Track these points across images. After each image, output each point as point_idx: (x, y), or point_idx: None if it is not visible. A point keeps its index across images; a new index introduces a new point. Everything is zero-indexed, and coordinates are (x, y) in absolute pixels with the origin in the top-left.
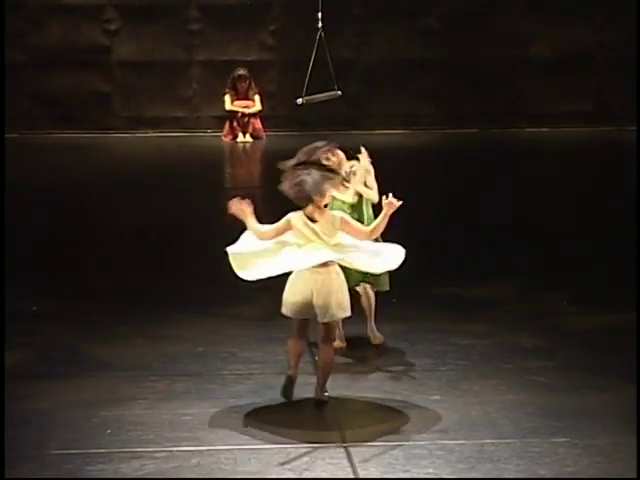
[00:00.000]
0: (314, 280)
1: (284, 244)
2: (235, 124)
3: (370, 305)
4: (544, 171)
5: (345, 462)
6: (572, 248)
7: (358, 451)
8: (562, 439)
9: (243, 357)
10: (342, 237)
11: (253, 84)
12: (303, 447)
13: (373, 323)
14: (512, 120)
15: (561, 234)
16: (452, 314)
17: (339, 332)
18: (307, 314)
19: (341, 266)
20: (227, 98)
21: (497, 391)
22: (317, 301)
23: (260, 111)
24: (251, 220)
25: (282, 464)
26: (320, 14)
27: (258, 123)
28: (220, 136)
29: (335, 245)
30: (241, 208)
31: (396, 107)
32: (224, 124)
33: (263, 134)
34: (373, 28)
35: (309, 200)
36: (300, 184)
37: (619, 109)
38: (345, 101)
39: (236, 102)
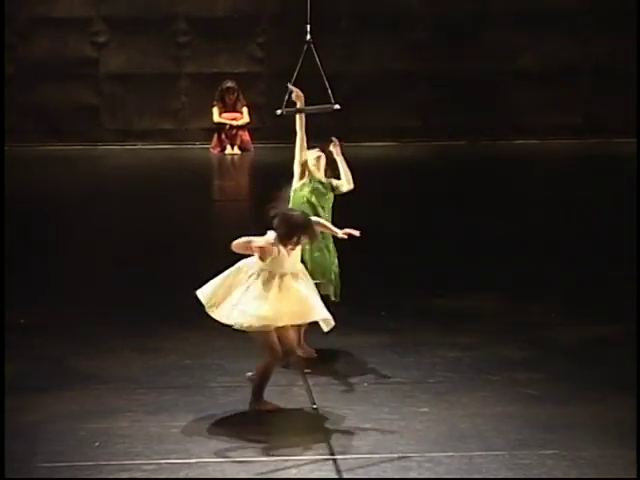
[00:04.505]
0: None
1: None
2: (223, 136)
3: None
4: (531, 183)
5: (333, 474)
6: (559, 260)
7: (346, 463)
8: (551, 451)
9: (231, 369)
10: None
11: (241, 96)
12: (291, 459)
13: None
14: (500, 132)
15: (548, 246)
16: (440, 326)
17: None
18: None
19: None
20: (215, 110)
21: (485, 403)
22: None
23: (248, 123)
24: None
25: (270, 476)
26: (309, 26)
27: (246, 135)
28: (208, 148)
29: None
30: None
31: (384, 119)
32: (212, 136)
33: (251, 146)
34: (360, 41)
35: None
36: None
37: (607, 121)
38: (332, 113)
39: (224, 114)
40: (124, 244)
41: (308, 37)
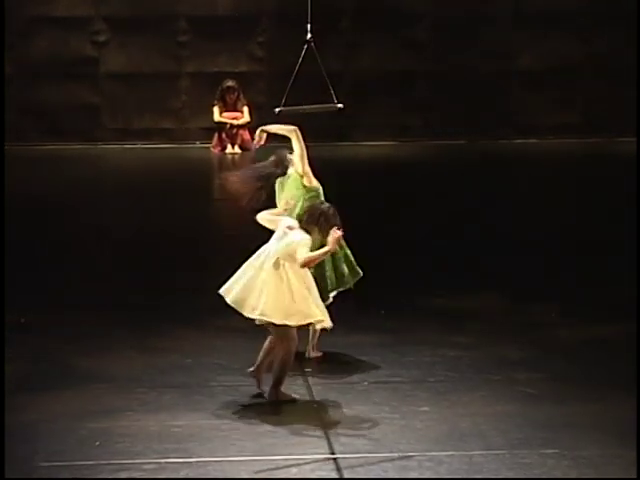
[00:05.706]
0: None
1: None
2: (224, 136)
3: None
4: (531, 183)
5: (334, 473)
6: (559, 260)
7: (347, 462)
8: (551, 450)
9: (231, 369)
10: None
11: (242, 96)
12: (292, 458)
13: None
14: (500, 132)
15: (548, 246)
16: (440, 326)
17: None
18: None
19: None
20: (216, 110)
21: (486, 402)
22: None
23: (249, 122)
24: None
25: (271, 475)
26: (309, 26)
27: (247, 134)
28: (209, 147)
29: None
30: None
31: (384, 119)
32: (213, 136)
33: (252, 145)
34: (361, 40)
35: None
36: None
37: (607, 121)
38: (332, 112)
39: (225, 114)
40: (124, 243)
41: (309, 36)
